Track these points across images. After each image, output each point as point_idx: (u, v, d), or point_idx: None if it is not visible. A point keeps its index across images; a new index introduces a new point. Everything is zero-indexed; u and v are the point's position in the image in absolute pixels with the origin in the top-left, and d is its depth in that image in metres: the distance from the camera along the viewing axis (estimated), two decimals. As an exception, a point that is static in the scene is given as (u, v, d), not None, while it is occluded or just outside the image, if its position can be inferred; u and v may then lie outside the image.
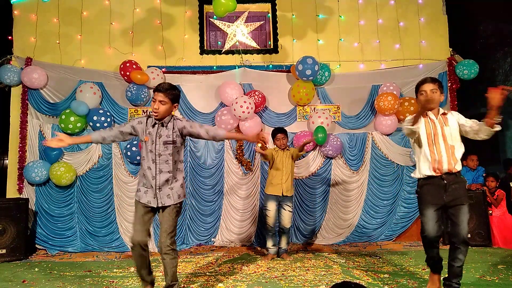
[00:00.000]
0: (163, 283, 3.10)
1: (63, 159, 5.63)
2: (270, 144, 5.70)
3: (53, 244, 5.52)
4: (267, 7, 6.38)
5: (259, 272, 4.13)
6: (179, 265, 4.39)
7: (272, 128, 5.39)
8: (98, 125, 5.52)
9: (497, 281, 3.55)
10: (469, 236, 5.21)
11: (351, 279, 3.72)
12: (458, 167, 3.05)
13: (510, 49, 6.83)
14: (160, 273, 3.64)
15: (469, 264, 4.16)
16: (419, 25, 6.34)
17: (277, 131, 4.99)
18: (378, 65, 6.26)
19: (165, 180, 2.97)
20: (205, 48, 6.21)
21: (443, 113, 3.16)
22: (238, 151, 5.80)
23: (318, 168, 5.88)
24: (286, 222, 4.86)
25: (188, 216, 5.78)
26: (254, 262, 4.67)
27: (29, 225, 5.41)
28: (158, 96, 2.94)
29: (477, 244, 5.33)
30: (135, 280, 3.88)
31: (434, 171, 3.04)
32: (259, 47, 6.17)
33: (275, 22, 6.27)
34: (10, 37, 5.95)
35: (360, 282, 3.46)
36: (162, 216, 3.00)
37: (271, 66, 6.17)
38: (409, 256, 4.82)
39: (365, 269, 4.13)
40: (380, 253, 5.04)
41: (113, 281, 3.84)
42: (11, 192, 5.67)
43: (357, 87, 6.09)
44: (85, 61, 6.02)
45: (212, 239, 5.78)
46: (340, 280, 3.64)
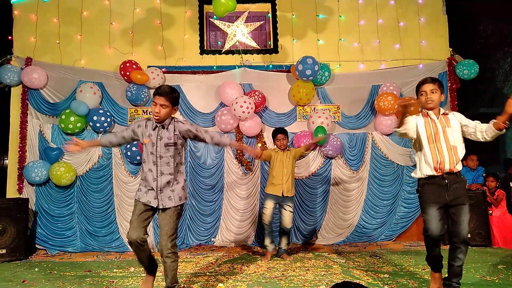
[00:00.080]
0: (163, 283, 3.11)
1: (63, 159, 5.63)
2: (270, 144, 5.71)
3: (53, 244, 5.52)
4: (267, 7, 6.38)
5: (259, 272, 4.13)
6: (179, 265, 4.39)
7: (272, 128, 5.40)
8: (98, 125, 5.52)
9: (497, 281, 3.55)
10: (469, 236, 5.22)
11: (351, 279, 3.72)
12: (459, 167, 3.06)
13: (510, 49, 6.84)
14: (160, 273, 3.64)
15: (469, 264, 4.16)
16: (419, 25, 6.34)
17: (278, 131, 4.97)
18: (378, 65, 6.26)
19: (167, 182, 2.97)
20: (205, 48, 6.21)
21: (444, 113, 3.16)
22: (238, 151, 5.80)
23: (318, 168, 5.88)
24: (287, 223, 4.85)
25: (188, 216, 5.78)
26: (254, 262, 4.67)
27: (29, 225, 5.41)
28: (159, 100, 2.92)
29: (477, 244, 5.33)
30: (135, 280, 3.88)
31: (436, 171, 3.03)
32: (259, 47, 6.17)
33: (275, 22, 6.27)
34: (10, 37, 5.96)
35: (360, 282, 3.46)
36: (162, 219, 2.99)
37: (271, 66, 6.17)
38: (409, 256, 4.82)
39: (365, 269, 4.14)
40: (380, 253, 5.04)
41: (113, 281, 3.84)
42: (11, 192, 5.67)
43: (357, 87, 6.09)
44: (85, 61, 6.02)
45: (212, 239, 5.78)
46: (340, 280, 3.64)
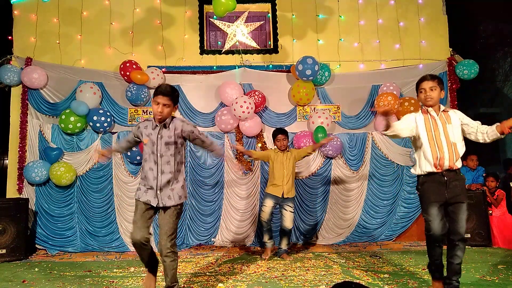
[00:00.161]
0: (163, 283, 3.11)
1: (63, 159, 5.63)
2: (270, 144, 5.71)
3: (53, 244, 5.52)
4: (267, 7, 6.38)
5: (259, 272, 4.13)
6: (179, 265, 4.38)
7: (272, 128, 5.40)
8: (98, 125, 5.52)
9: (497, 281, 3.55)
10: (468, 236, 5.22)
11: (351, 279, 3.72)
12: (459, 164, 3.05)
13: (510, 49, 6.84)
14: (160, 273, 3.64)
15: (469, 264, 4.16)
16: (419, 25, 6.34)
17: (278, 132, 4.96)
18: (378, 65, 6.26)
19: (167, 181, 2.98)
20: (205, 48, 6.21)
21: (444, 110, 3.15)
22: (238, 151, 5.79)
23: (318, 168, 5.88)
24: (288, 223, 4.85)
25: (188, 216, 5.77)
26: (254, 262, 4.67)
27: (29, 225, 5.41)
28: (162, 99, 2.93)
29: (477, 244, 5.32)
30: (135, 280, 3.88)
31: (435, 168, 3.03)
32: (259, 47, 6.17)
33: (275, 22, 6.27)
34: (10, 37, 5.96)
35: (360, 282, 3.46)
36: (162, 218, 3.00)
37: (271, 66, 6.17)
38: (409, 256, 4.82)
39: (365, 269, 4.13)
40: (380, 253, 5.04)
41: (113, 281, 3.84)
42: (11, 192, 5.67)
43: (357, 87, 6.09)
44: (85, 61, 6.02)
45: (212, 239, 5.78)
46: (340, 280, 3.64)
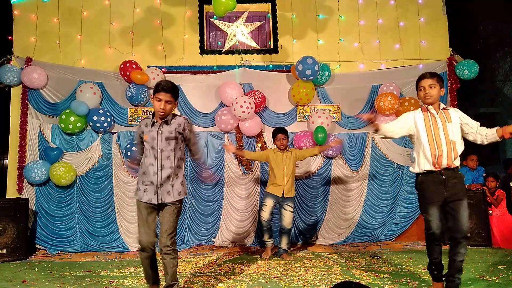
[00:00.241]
0: (163, 283, 3.11)
1: (63, 159, 5.63)
2: (270, 144, 5.71)
3: (53, 244, 5.52)
4: (267, 7, 6.38)
5: (259, 272, 4.13)
6: (179, 265, 4.37)
7: (272, 128, 5.39)
8: (98, 125, 5.52)
9: (497, 281, 3.55)
10: (468, 236, 5.23)
11: (351, 279, 3.71)
12: (457, 163, 3.04)
13: (510, 49, 6.84)
14: (160, 273, 3.63)
15: (469, 264, 4.15)
16: (419, 25, 6.34)
17: (278, 131, 4.96)
18: (378, 65, 6.26)
19: (167, 177, 2.99)
20: (205, 48, 6.21)
21: (444, 108, 3.14)
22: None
23: (318, 168, 5.88)
24: (287, 223, 4.85)
25: (188, 216, 5.77)
26: (254, 262, 4.67)
27: (29, 225, 5.41)
28: (164, 96, 2.95)
29: (477, 244, 5.32)
30: (135, 280, 3.88)
31: (434, 166, 3.03)
32: (259, 47, 6.17)
33: (275, 22, 6.27)
34: (10, 37, 5.96)
35: (360, 282, 3.46)
36: (162, 216, 3.02)
37: (271, 66, 6.17)
38: (409, 256, 4.82)
39: (365, 269, 4.13)
40: (380, 253, 5.04)
41: (113, 281, 3.84)
42: (11, 192, 5.67)
43: (357, 87, 6.09)
44: (85, 61, 6.02)
45: (212, 239, 5.78)
46: (340, 280, 3.64)
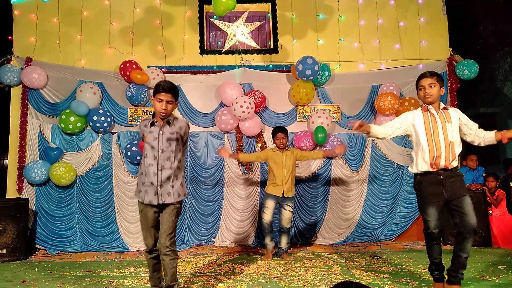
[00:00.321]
0: (163, 283, 3.10)
1: (63, 159, 5.62)
2: (270, 144, 5.71)
3: (53, 244, 5.52)
4: (267, 7, 6.38)
5: (259, 272, 4.13)
6: (179, 265, 4.40)
7: (272, 128, 5.38)
8: (98, 125, 5.52)
9: (497, 281, 3.55)
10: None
11: (351, 279, 3.71)
12: (455, 164, 3.03)
13: (510, 49, 6.84)
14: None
15: (469, 264, 4.12)
16: (419, 25, 6.34)
17: (278, 130, 4.95)
18: (378, 65, 6.26)
19: (167, 177, 2.99)
20: (205, 48, 6.21)
21: (444, 108, 3.12)
22: (238, 151, 5.79)
23: (318, 168, 5.88)
24: (286, 222, 4.85)
25: (188, 216, 5.77)
26: (254, 262, 4.66)
27: (29, 225, 5.41)
28: (165, 96, 2.96)
29: (477, 244, 5.31)
30: (135, 280, 3.88)
31: (431, 167, 3.02)
32: (259, 47, 6.17)
33: (275, 22, 6.27)
34: (10, 37, 5.96)
35: (360, 282, 3.46)
36: (162, 217, 3.02)
37: (271, 66, 6.17)
38: (409, 256, 4.81)
39: (365, 269, 4.13)
40: (380, 253, 5.04)
41: (113, 281, 3.84)
42: (11, 192, 5.67)
43: (357, 87, 6.09)
44: (85, 61, 6.02)
45: (212, 239, 5.78)
46: (340, 280, 3.64)
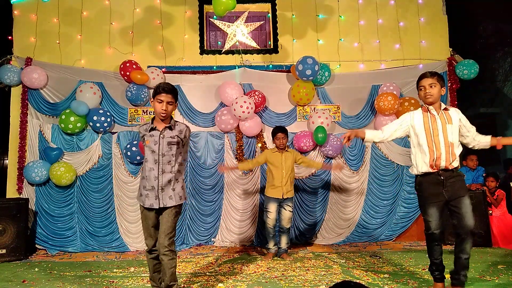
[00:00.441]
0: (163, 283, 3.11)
1: (63, 159, 5.62)
2: (270, 144, 5.71)
3: (53, 244, 5.52)
4: (267, 7, 6.38)
5: (259, 272, 4.13)
6: (179, 265, 4.40)
7: (272, 128, 5.38)
8: (98, 125, 5.52)
9: (497, 281, 3.55)
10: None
11: (351, 279, 3.72)
12: (455, 164, 3.02)
13: (510, 49, 6.84)
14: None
15: (469, 264, 4.14)
16: (419, 25, 6.34)
17: (278, 130, 4.93)
18: (378, 65, 6.26)
19: (168, 181, 2.99)
20: (205, 48, 6.21)
21: (445, 108, 3.11)
22: (238, 151, 5.79)
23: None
24: (286, 222, 4.85)
25: (188, 216, 5.77)
26: (254, 262, 4.67)
27: (29, 225, 5.41)
28: (166, 97, 2.97)
29: (477, 244, 5.30)
30: (135, 280, 3.88)
31: (431, 168, 3.01)
32: (259, 47, 6.17)
33: (275, 22, 6.27)
34: (10, 37, 5.96)
35: (360, 282, 3.46)
36: (161, 217, 3.02)
37: (271, 66, 6.17)
38: (409, 256, 4.81)
39: (365, 269, 4.13)
40: (380, 253, 5.04)
41: (113, 281, 3.84)
42: (11, 192, 5.67)
43: (357, 87, 6.09)
44: (85, 61, 6.02)
45: (212, 239, 5.78)
46: (340, 280, 3.64)
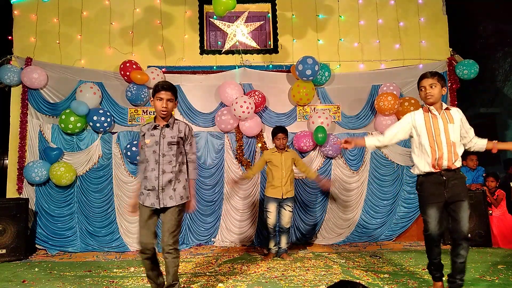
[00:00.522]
0: (161, 278, 3.10)
1: (63, 159, 5.62)
2: (270, 144, 5.71)
3: (53, 244, 5.52)
4: (267, 7, 6.38)
5: (259, 272, 4.13)
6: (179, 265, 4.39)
7: (272, 128, 5.39)
8: (98, 125, 5.52)
9: (497, 281, 3.55)
10: (469, 236, 5.23)
11: (351, 279, 3.71)
12: (458, 164, 3.00)
13: (510, 49, 6.84)
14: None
15: (469, 264, 4.14)
16: (419, 25, 6.34)
17: (278, 130, 4.91)
18: (378, 65, 6.26)
19: (168, 181, 2.99)
20: (205, 48, 6.21)
21: (446, 108, 3.09)
22: (238, 151, 5.79)
23: (318, 168, 5.88)
24: (286, 222, 4.85)
25: (188, 216, 5.77)
26: (254, 262, 4.67)
27: (29, 225, 5.40)
28: (165, 94, 2.98)
29: (477, 244, 5.31)
30: (135, 280, 3.88)
31: (433, 168, 3.00)
32: (259, 47, 6.17)
33: (275, 22, 6.27)
34: (10, 37, 5.96)
35: (360, 282, 3.46)
36: (164, 217, 3.01)
37: (271, 66, 6.17)
38: (409, 256, 4.81)
39: (365, 269, 4.14)
40: (380, 253, 5.04)
41: (113, 281, 3.84)
42: (11, 192, 5.67)
43: (357, 87, 6.09)
44: (85, 61, 6.02)
45: (212, 239, 5.78)
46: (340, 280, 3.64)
